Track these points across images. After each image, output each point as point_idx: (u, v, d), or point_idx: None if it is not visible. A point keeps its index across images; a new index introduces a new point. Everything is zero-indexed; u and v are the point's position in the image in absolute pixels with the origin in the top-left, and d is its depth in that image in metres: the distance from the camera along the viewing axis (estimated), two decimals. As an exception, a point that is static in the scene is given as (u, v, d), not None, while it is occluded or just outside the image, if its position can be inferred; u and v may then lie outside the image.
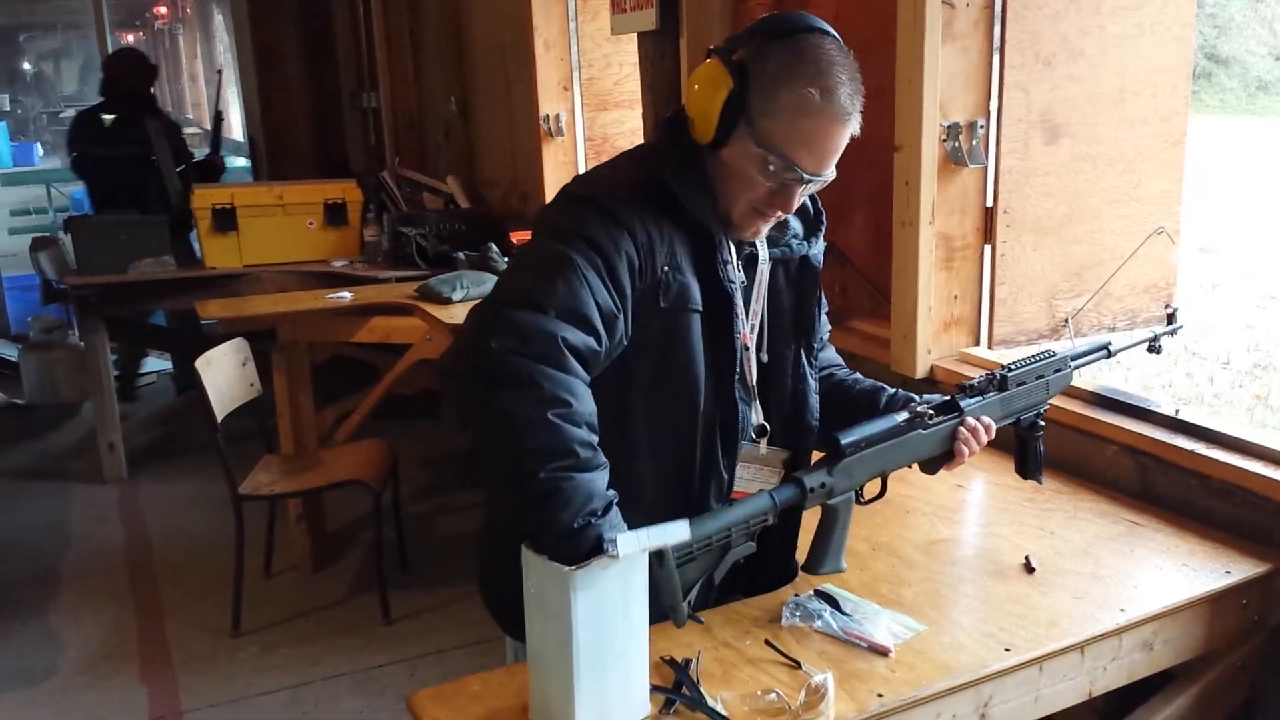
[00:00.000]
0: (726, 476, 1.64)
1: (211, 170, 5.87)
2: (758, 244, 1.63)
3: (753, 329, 1.63)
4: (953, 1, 2.38)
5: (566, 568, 1.29)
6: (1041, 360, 1.85)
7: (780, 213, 1.55)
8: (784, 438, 1.70)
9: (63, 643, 3.53)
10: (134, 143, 5.40)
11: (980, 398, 1.76)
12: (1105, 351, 1.97)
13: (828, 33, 1.50)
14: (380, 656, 3.39)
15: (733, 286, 1.57)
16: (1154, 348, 2.04)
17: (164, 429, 5.69)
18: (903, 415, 1.68)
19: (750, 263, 1.63)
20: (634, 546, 1.32)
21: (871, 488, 1.71)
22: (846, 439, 1.62)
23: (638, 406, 1.56)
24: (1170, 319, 2.08)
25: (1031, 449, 1.90)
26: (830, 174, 1.52)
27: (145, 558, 4.16)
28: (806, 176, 1.49)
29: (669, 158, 1.55)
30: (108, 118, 5.59)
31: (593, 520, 1.34)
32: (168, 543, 4.27)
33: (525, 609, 1.36)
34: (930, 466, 1.74)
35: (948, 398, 1.75)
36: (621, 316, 1.47)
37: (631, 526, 1.35)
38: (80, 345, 5.32)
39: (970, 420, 1.72)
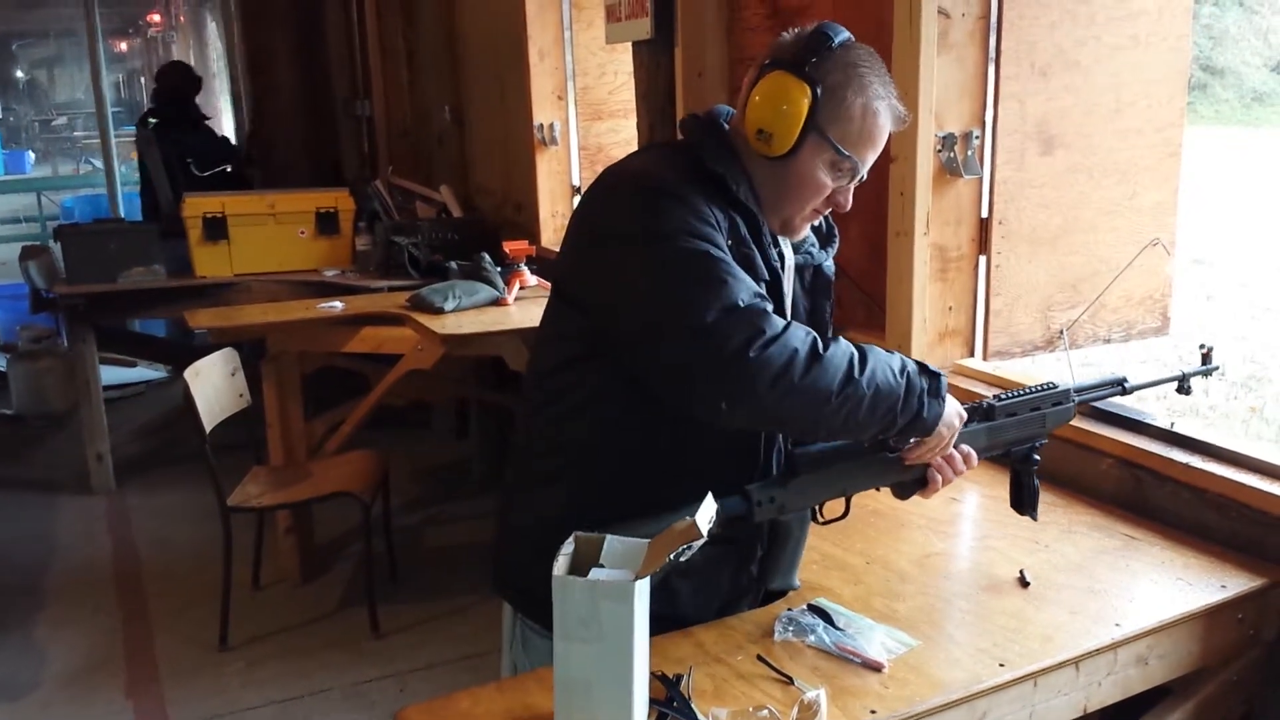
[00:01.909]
0: (785, 446, 1.66)
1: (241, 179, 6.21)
2: (783, 244, 1.65)
3: None
4: (948, 12, 2.37)
5: (628, 581, 1.27)
6: (1039, 392, 1.77)
7: (837, 208, 1.62)
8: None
9: (48, 656, 3.50)
10: (175, 145, 5.94)
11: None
12: (1120, 388, 1.86)
13: (856, 41, 1.58)
14: (370, 671, 3.36)
15: (777, 265, 1.60)
16: (1184, 388, 1.91)
17: (153, 440, 5.66)
18: None
19: (780, 262, 1.64)
20: (707, 517, 1.34)
21: (834, 508, 1.66)
22: (802, 456, 1.59)
23: None
24: (1205, 359, 1.92)
25: (1026, 484, 1.82)
26: None
27: (133, 570, 4.13)
28: (864, 174, 1.58)
29: (708, 149, 1.58)
30: (151, 122, 6.11)
31: (910, 371, 1.50)
32: (155, 554, 4.24)
33: (557, 636, 1.32)
34: (902, 491, 1.69)
35: None
36: None
37: (700, 495, 1.38)
38: (69, 354, 5.30)
39: None
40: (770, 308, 1.46)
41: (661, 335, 1.45)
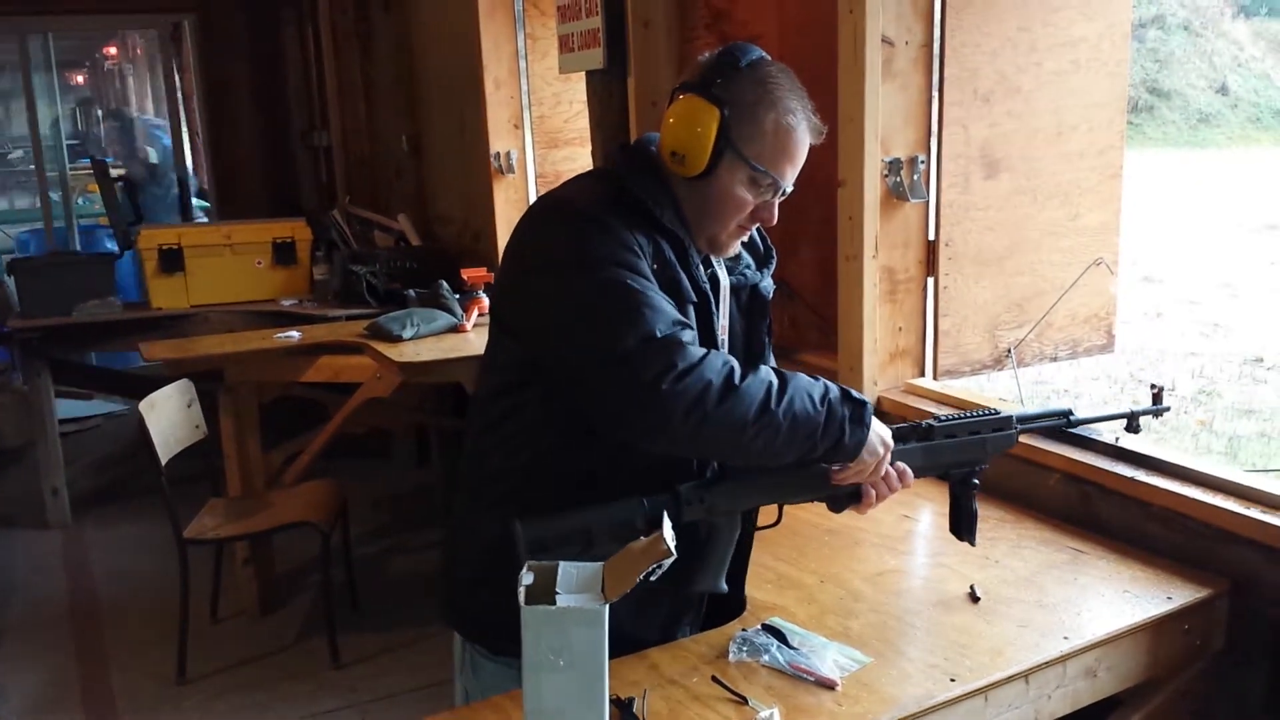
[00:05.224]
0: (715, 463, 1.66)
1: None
2: (717, 266, 1.68)
3: (723, 345, 1.66)
4: (892, 40, 2.42)
5: (599, 606, 1.28)
6: (980, 417, 1.78)
7: (763, 223, 1.65)
8: None
9: (4, 693, 3.45)
10: None
11: (900, 444, 1.69)
12: (1065, 420, 1.87)
13: (769, 58, 1.60)
14: (330, 702, 3.34)
15: (706, 286, 1.62)
16: (1132, 427, 1.94)
17: (109, 473, 5.59)
18: None
19: (713, 284, 1.66)
20: (670, 527, 1.36)
21: (769, 514, 1.68)
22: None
23: None
24: (1156, 399, 1.93)
25: (965, 508, 1.82)
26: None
27: (89, 604, 4.08)
28: (786, 188, 1.61)
29: (630, 174, 1.60)
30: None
31: (832, 399, 1.52)
32: (112, 589, 4.19)
33: (526, 667, 1.31)
34: (836, 505, 1.69)
35: None
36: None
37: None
38: (24, 388, 5.24)
39: None
40: (689, 337, 1.48)
41: (581, 365, 1.48)
